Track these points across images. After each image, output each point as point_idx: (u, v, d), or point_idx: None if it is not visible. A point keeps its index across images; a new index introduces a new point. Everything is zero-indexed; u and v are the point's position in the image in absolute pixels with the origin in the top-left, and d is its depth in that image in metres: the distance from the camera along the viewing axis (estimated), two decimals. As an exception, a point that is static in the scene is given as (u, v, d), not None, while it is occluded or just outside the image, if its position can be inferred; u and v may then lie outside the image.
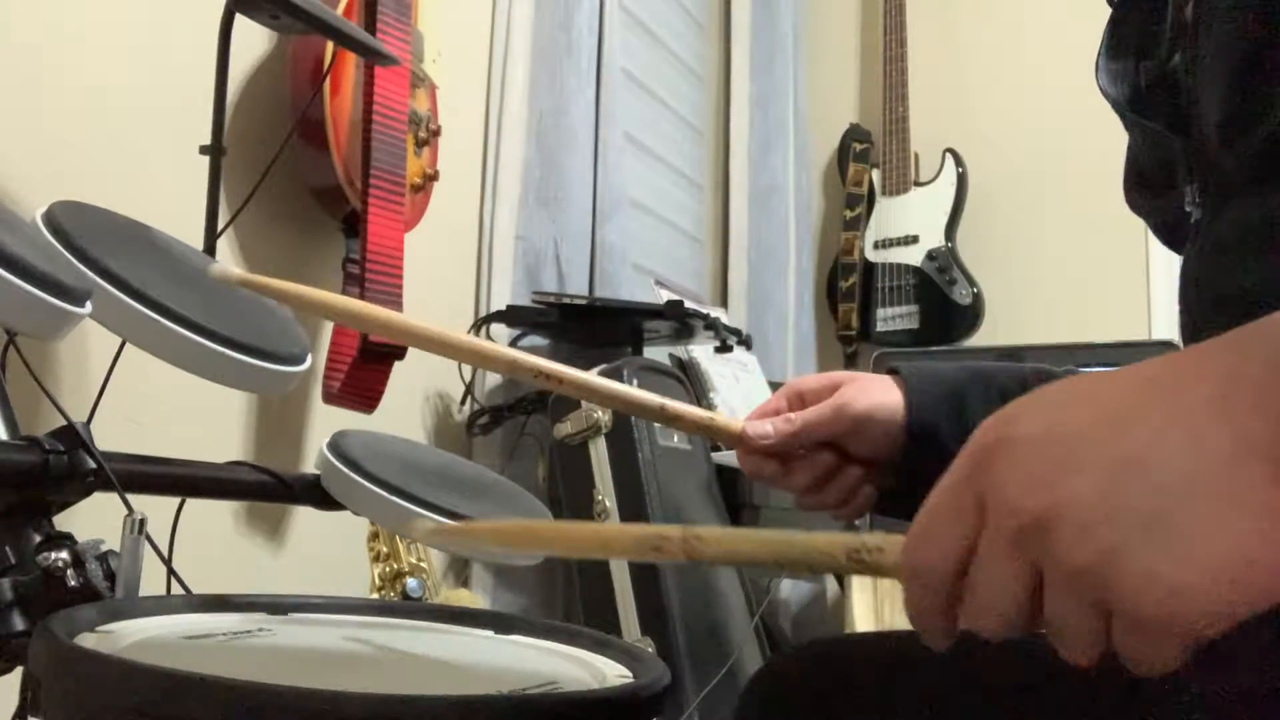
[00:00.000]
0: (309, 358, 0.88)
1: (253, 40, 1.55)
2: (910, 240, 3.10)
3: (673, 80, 2.93)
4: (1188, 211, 0.64)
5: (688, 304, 2.06)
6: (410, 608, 0.76)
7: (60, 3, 1.32)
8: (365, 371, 1.55)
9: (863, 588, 2.13)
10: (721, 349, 2.25)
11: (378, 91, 1.53)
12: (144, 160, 1.41)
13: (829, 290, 3.24)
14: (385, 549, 1.46)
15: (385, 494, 0.86)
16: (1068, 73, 3.07)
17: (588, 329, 2.10)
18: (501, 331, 2.06)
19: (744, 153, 3.06)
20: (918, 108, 3.17)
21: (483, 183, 2.13)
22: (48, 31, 1.30)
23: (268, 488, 0.90)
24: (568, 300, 2.01)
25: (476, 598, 1.88)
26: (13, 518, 0.69)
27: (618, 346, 2.12)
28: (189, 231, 1.15)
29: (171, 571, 0.82)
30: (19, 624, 0.64)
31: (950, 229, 3.07)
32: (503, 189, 2.10)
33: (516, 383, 2.06)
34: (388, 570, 1.45)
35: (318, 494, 0.90)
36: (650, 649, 1.59)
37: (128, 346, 0.79)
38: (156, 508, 0.77)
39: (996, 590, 0.40)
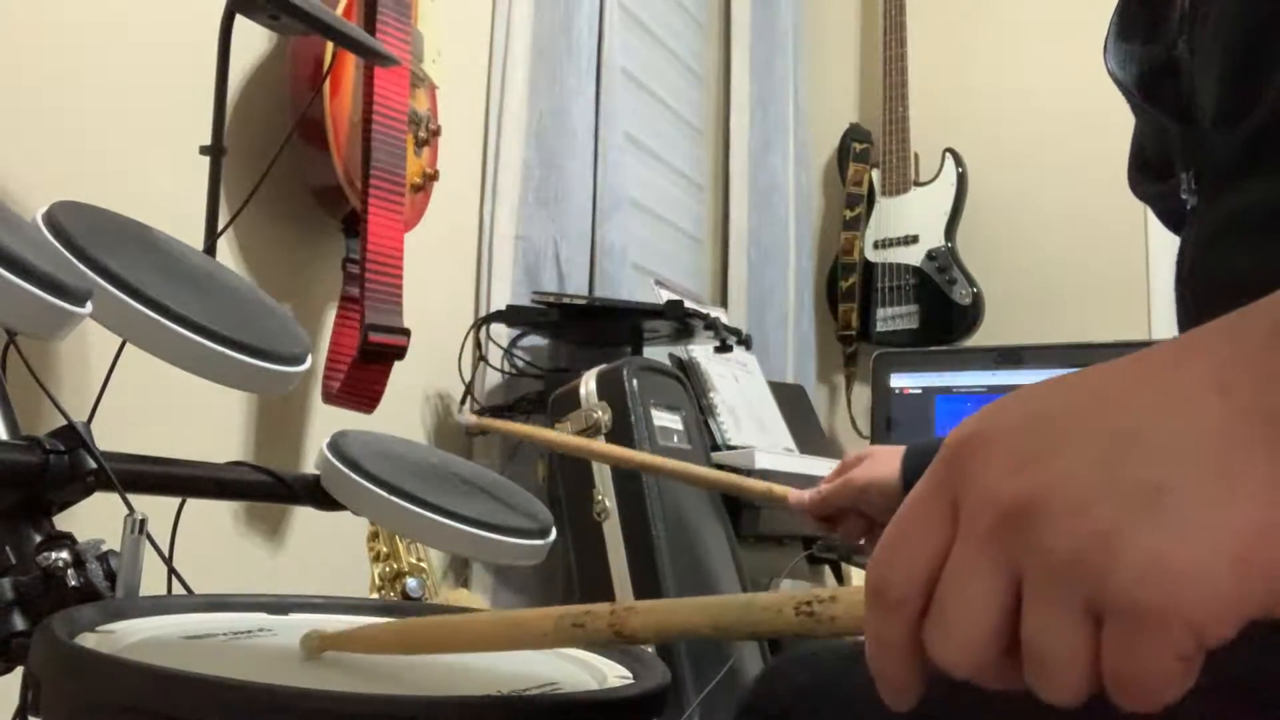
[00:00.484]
0: (309, 358, 0.88)
1: (253, 40, 1.55)
2: (910, 240, 3.10)
3: (673, 80, 2.93)
4: (1184, 199, 0.63)
5: (688, 304, 2.06)
6: (410, 608, 0.76)
7: (61, 3, 1.32)
8: (365, 371, 1.55)
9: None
10: (721, 349, 2.25)
11: (378, 91, 1.53)
12: (144, 160, 1.41)
13: (829, 290, 3.24)
14: (385, 549, 1.45)
15: (385, 494, 0.86)
16: (1067, 73, 3.09)
17: (588, 329, 2.10)
18: (501, 331, 2.06)
19: (744, 152, 3.06)
20: (918, 108, 3.17)
21: (483, 183, 2.13)
22: (48, 31, 1.30)
23: (268, 488, 0.90)
24: (568, 300, 2.01)
25: (476, 598, 1.88)
26: (13, 518, 0.69)
27: (618, 346, 2.12)
28: (189, 231, 1.15)
29: (172, 571, 0.82)
30: (19, 624, 0.64)
31: (950, 229, 3.07)
32: (502, 189, 2.11)
33: (516, 383, 2.06)
34: (388, 570, 1.45)
35: (318, 494, 0.90)
36: (650, 649, 1.59)
37: (128, 346, 0.79)
38: (156, 508, 0.77)
39: (965, 604, 0.35)
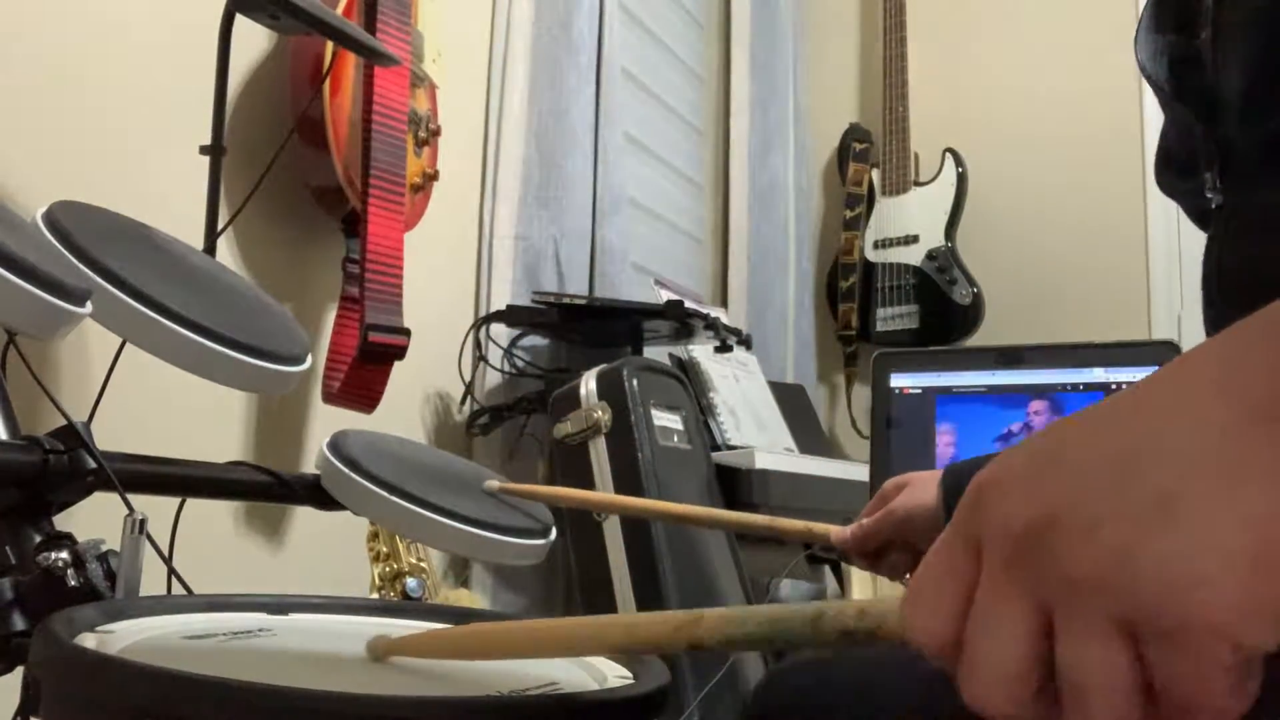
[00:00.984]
0: (309, 358, 0.88)
1: (253, 40, 1.55)
2: (910, 240, 3.10)
3: (673, 80, 2.93)
4: (1208, 197, 0.62)
5: (688, 304, 2.06)
6: (410, 608, 0.76)
7: (61, 3, 1.32)
8: (365, 371, 1.55)
9: (862, 588, 2.13)
10: (721, 349, 2.25)
11: (378, 91, 1.53)
12: (144, 160, 1.41)
13: (829, 290, 3.24)
14: (385, 549, 1.45)
15: (385, 494, 0.86)
16: (1068, 73, 3.09)
17: (587, 329, 2.10)
18: (501, 331, 2.06)
19: (744, 153, 3.06)
20: (918, 108, 3.17)
21: (483, 183, 2.13)
22: (48, 32, 1.30)
23: (268, 488, 0.90)
24: (567, 300, 2.01)
25: (476, 598, 1.88)
26: (13, 518, 0.69)
27: (617, 346, 2.12)
28: (189, 231, 1.15)
29: (172, 571, 0.82)
30: (19, 624, 0.64)
31: (950, 229, 3.07)
32: (502, 189, 2.11)
33: (516, 383, 2.06)
34: (388, 570, 1.45)
35: (318, 494, 0.90)
36: (650, 649, 1.58)
37: (128, 346, 0.79)
38: (156, 508, 0.77)
39: (995, 640, 0.34)
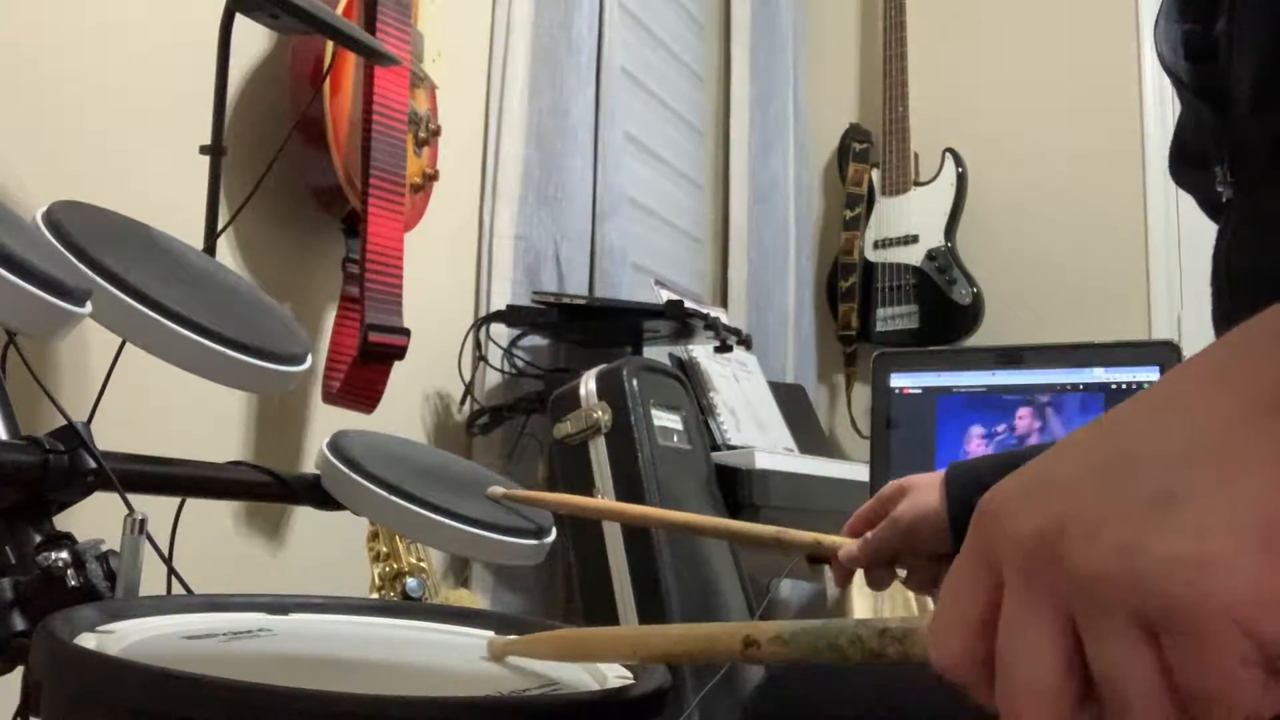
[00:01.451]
0: (309, 358, 0.88)
1: (253, 40, 1.55)
2: (910, 240, 3.10)
3: (673, 80, 2.93)
4: (1219, 190, 0.62)
5: (688, 304, 2.06)
6: (410, 608, 0.76)
7: (60, 2, 1.32)
8: (365, 371, 1.55)
9: (862, 588, 2.13)
10: (721, 349, 2.25)
11: (377, 91, 1.53)
12: (144, 160, 1.41)
13: (829, 290, 3.24)
14: (385, 549, 1.45)
15: (385, 494, 0.86)
16: (1068, 73, 3.09)
17: (587, 329, 2.10)
18: (501, 331, 2.06)
19: (744, 152, 3.06)
20: (918, 108, 3.17)
21: (482, 182, 2.13)
22: (48, 31, 1.30)
23: (268, 488, 0.90)
24: (567, 300, 2.01)
25: (476, 598, 1.88)
26: (13, 518, 0.69)
27: (618, 346, 2.12)
28: (189, 231, 1.15)
29: (172, 571, 0.82)
30: (19, 624, 0.64)
31: (950, 229, 3.07)
32: (502, 189, 2.11)
33: (516, 383, 2.06)
34: (388, 570, 1.45)
35: (318, 494, 0.90)
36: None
37: (128, 346, 0.79)
38: (156, 508, 0.77)
39: (1028, 654, 0.34)
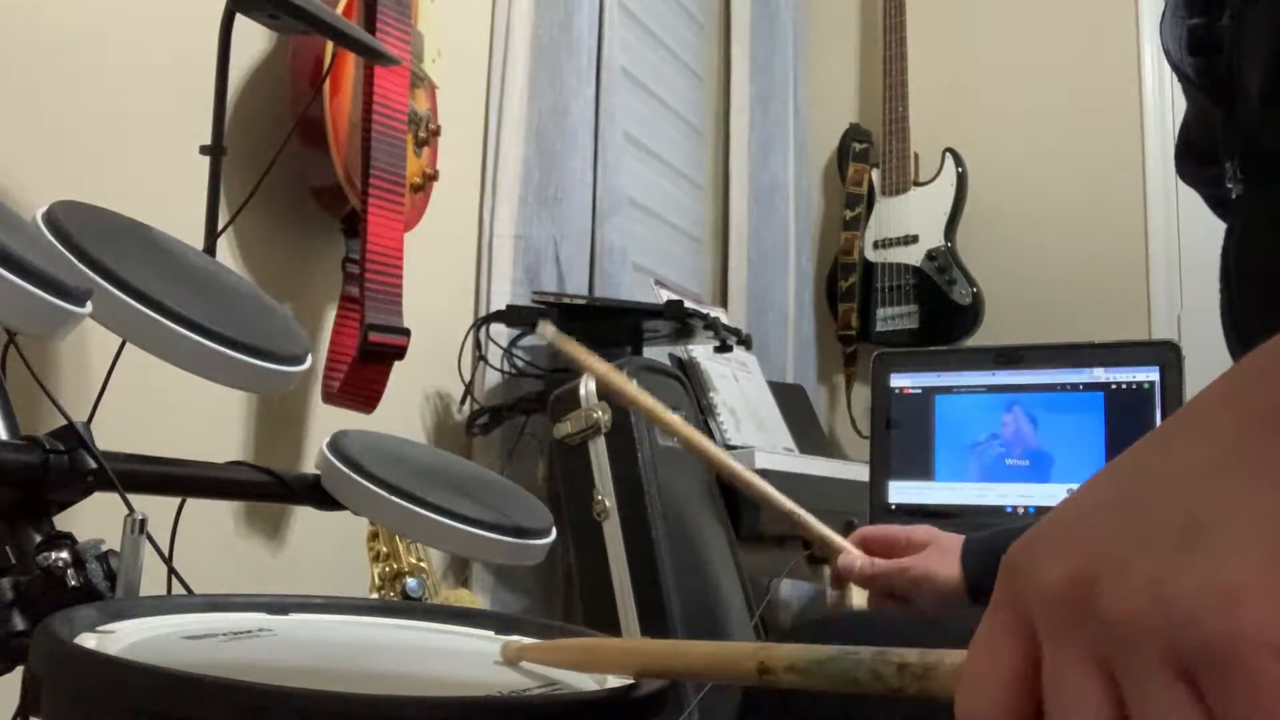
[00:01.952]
0: (309, 358, 0.88)
1: (253, 40, 1.55)
2: (910, 240, 3.10)
3: (673, 80, 2.93)
4: (1229, 187, 0.62)
5: (688, 304, 2.06)
6: (410, 608, 0.76)
7: (60, 2, 1.32)
8: (365, 371, 1.55)
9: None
10: (721, 349, 2.25)
11: (377, 91, 1.53)
12: (144, 160, 1.41)
13: (829, 290, 3.24)
14: (385, 549, 1.45)
15: (385, 494, 0.86)
16: (1068, 73, 3.09)
17: (587, 329, 2.10)
18: (501, 331, 2.06)
19: (744, 152, 3.06)
20: (918, 108, 3.17)
21: (482, 183, 2.13)
22: (48, 31, 1.30)
23: (268, 488, 0.90)
24: (567, 300, 2.01)
25: (476, 598, 1.88)
26: (13, 518, 0.69)
27: (618, 346, 2.12)
28: (189, 231, 1.15)
29: (172, 571, 0.82)
30: (19, 624, 0.64)
31: (950, 229, 3.07)
32: (502, 189, 2.10)
33: (516, 383, 2.06)
34: (388, 570, 1.45)
35: (318, 494, 0.90)
36: (650, 649, 1.58)
37: (128, 346, 0.79)
38: (156, 508, 0.77)
39: (1070, 706, 0.33)
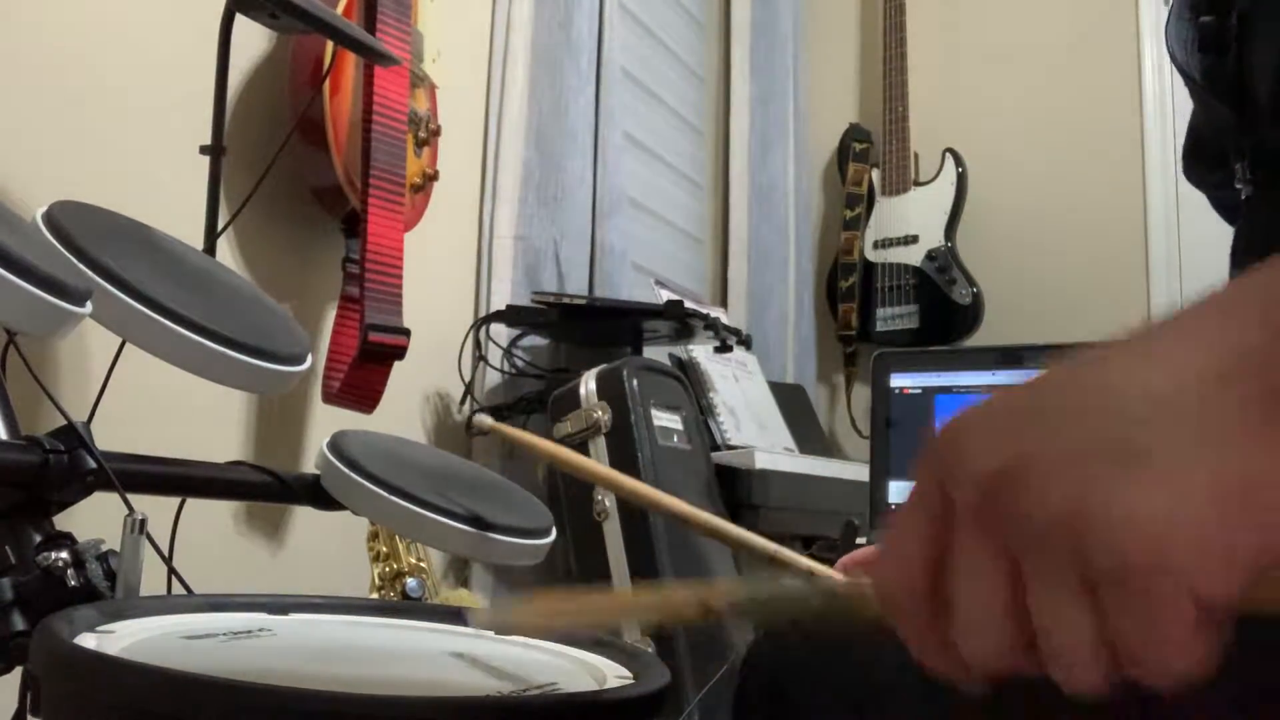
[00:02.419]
0: (309, 358, 0.88)
1: (253, 40, 1.55)
2: (910, 240, 3.10)
3: (673, 80, 2.93)
4: (1238, 189, 0.61)
5: (688, 304, 2.06)
6: (410, 608, 0.76)
7: (60, 2, 1.32)
8: (365, 371, 1.55)
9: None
10: (721, 349, 2.25)
11: (377, 91, 1.53)
12: (144, 160, 1.41)
13: (829, 290, 3.24)
14: (385, 549, 1.45)
15: (385, 494, 0.86)
16: (1068, 73, 3.09)
17: (587, 329, 2.10)
18: (501, 331, 2.06)
19: (744, 152, 3.06)
20: (918, 108, 3.17)
21: (483, 183, 2.13)
22: (48, 31, 1.30)
23: (268, 488, 0.90)
24: (567, 300, 2.01)
25: (476, 598, 1.88)
26: (13, 518, 0.69)
27: (618, 346, 2.12)
28: (189, 231, 1.15)
29: (172, 571, 0.82)
30: (19, 624, 0.64)
31: (950, 229, 3.07)
32: (502, 189, 2.10)
33: (516, 383, 2.06)
34: (388, 570, 1.45)
35: (318, 494, 0.90)
36: (650, 649, 1.59)
37: (128, 346, 0.79)
38: (156, 508, 0.77)
39: (973, 593, 0.34)
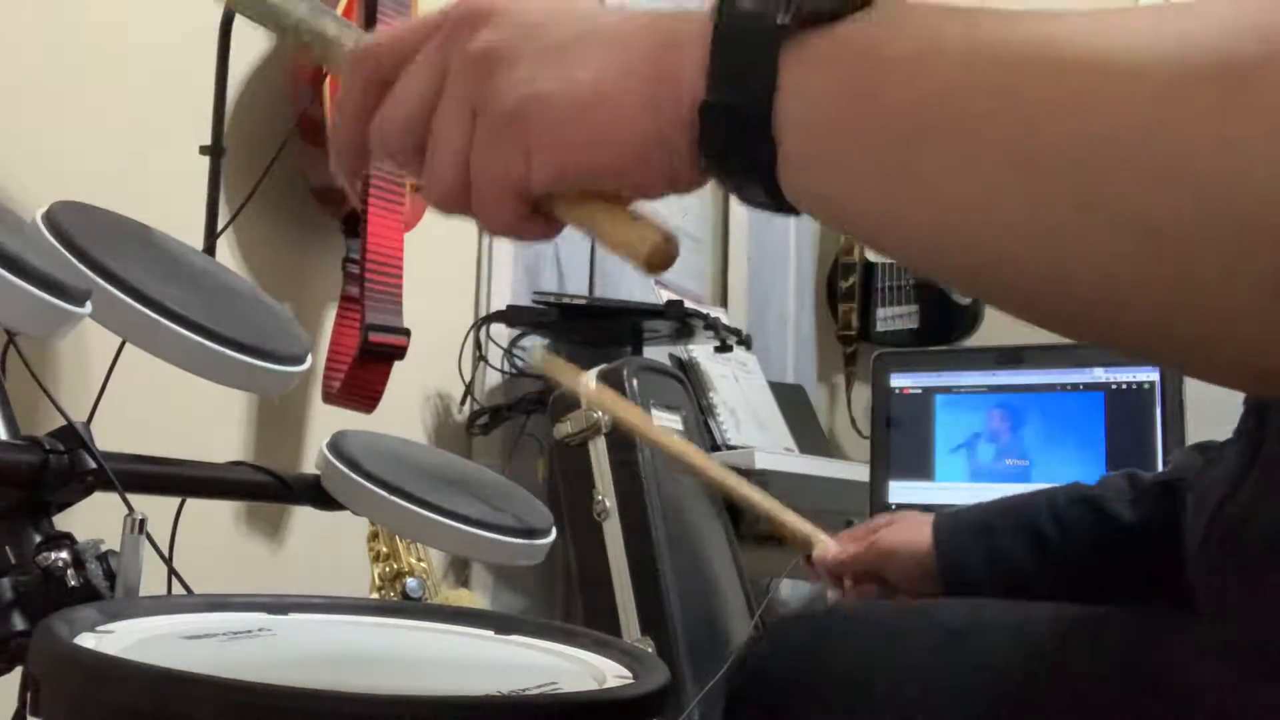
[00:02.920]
0: (309, 358, 0.88)
1: (253, 40, 1.55)
2: (910, 240, 3.10)
3: (673, 80, 2.92)
4: None
5: (688, 304, 2.06)
6: (410, 608, 0.76)
7: (60, 3, 1.32)
8: (365, 371, 1.55)
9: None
10: (721, 349, 2.25)
11: (378, 91, 1.53)
12: (144, 160, 1.41)
13: (829, 290, 3.24)
14: (385, 549, 1.45)
15: (385, 494, 0.86)
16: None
17: (588, 329, 2.10)
18: (502, 331, 2.06)
19: (744, 153, 3.06)
20: (918, 108, 3.16)
21: (483, 183, 2.13)
22: (48, 31, 1.30)
23: (268, 488, 0.90)
24: (568, 300, 2.01)
25: (476, 598, 1.88)
26: (13, 518, 0.69)
27: (618, 346, 2.12)
28: (189, 231, 1.15)
29: (172, 571, 0.82)
30: (19, 624, 0.64)
31: (950, 229, 3.07)
32: (503, 189, 2.10)
33: (516, 383, 2.06)
34: (388, 570, 1.45)
35: (318, 494, 0.90)
36: (650, 649, 1.59)
37: (128, 346, 0.79)
38: (156, 508, 0.77)
39: (407, 89, 0.43)
